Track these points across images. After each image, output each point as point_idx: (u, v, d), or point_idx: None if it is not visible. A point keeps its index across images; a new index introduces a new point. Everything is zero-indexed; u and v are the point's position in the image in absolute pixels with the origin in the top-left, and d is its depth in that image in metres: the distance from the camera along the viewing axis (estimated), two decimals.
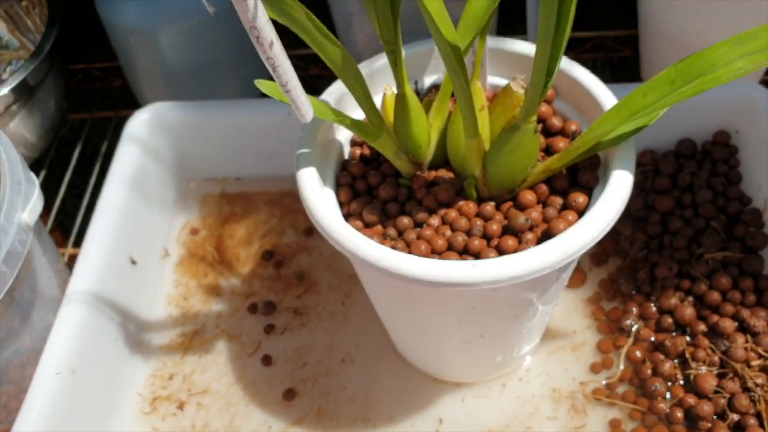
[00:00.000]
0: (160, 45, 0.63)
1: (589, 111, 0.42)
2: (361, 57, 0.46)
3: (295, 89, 0.34)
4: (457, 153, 0.40)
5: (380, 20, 0.36)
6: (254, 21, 0.30)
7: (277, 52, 0.31)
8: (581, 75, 0.42)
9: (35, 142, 0.67)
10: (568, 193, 0.39)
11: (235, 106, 0.60)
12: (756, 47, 0.33)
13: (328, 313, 0.53)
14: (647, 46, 0.65)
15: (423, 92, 0.46)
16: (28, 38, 0.73)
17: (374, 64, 0.44)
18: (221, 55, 0.65)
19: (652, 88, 0.35)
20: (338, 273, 0.56)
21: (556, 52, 0.34)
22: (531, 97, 0.36)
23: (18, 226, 0.45)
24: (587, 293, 0.52)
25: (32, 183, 0.49)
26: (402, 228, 0.39)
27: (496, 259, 0.35)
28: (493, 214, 0.39)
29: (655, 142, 0.57)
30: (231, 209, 0.61)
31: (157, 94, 0.67)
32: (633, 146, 0.38)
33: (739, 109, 0.54)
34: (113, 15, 0.62)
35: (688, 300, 0.48)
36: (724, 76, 0.34)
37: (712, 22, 0.56)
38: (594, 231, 0.36)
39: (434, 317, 0.42)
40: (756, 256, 0.49)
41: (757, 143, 0.53)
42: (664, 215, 0.53)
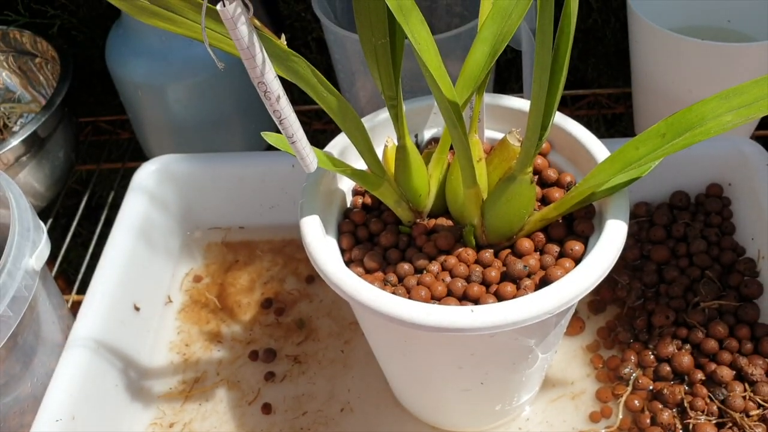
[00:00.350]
0: (168, 99, 0.65)
1: (584, 163, 0.43)
2: (364, 112, 0.48)
3: (300, 141, 0.35)
4: (456, 202, 0.41)
5: (382, 76, 0.38)
6: (262, 76, 0.32)
7: (283, 105, 0.33)
8: (575, 129, 0.44)
9: (43, 192, 0.68)
10: (564, 242, 0.40)
11: (239, 158, 0.62)
12: (743, 102, 0.35)
13: (328, 360, 0.54)
14: (640, 104, 0.67)
15: (423, 144, 0.47)
16: (40, 92, 0.75)
17: (376, 117, 0.45)
18: (227, 109, 0.67)
19: (644, 141, 0.37)
20: (338, 320, 0.56)
21: (549, 108, 0.36)
22: (526, 149, 0.37)
23: (25, 271, 0.46)
24: (586, 341, 0.52)
25: (40, 230, 0.50)
26: (402, 274, 0.39)
27: (495, 305, 0.36)
28: (491, 261, 0.40)
29: (649, 194, 0.58)
30: (234, 257, 0.62)
31: (164, 147, 0.69)
32: (627, 197, 0.40)
33: (731, 163, 0.56)
34: (123, 70, 0.65)
35: (686, 348, 0.49)
36: (713, 129, 0.35)
37: (702, 79, 0.58)
38: (591, 278, 0.37)
39: (434, 363, 0.42)
40: (752, 304, 0.50)
41: (749, 195, 0.54)
42: (659, 265, 0.54)
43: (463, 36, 0.56)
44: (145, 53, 0.64)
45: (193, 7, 0.32)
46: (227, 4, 0.29)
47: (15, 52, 0.74)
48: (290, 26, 0.77)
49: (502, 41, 0.38)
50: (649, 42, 0.59)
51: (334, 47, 0.61)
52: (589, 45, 0.77)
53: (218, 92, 0.65)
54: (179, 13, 0.32)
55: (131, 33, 0.64)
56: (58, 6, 0.76)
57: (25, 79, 0.75)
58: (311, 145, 0.36)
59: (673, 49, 0.57)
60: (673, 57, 0.57)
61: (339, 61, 0.62)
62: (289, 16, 0.76)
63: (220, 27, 0.32)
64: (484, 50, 0.39)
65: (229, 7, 0.29)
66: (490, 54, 0.38)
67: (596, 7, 0.74)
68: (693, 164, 0.57)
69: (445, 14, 0.69)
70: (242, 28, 0.30)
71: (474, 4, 0.65)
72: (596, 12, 0.74)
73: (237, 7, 0.29)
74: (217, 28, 0.33)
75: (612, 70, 0.79)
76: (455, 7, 0.68)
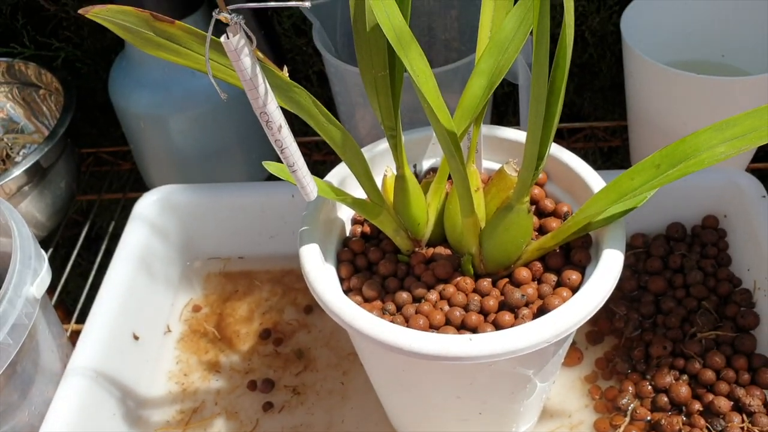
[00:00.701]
0: (170, 130, 0.66)
1: (580, 194, 0.44)
2: (364, 142, 0.48)
3: (301, 170, 0.36)
4: (454, 231, 0.41)
5: (382, 108, 0.39)
6: (264, 107, 0.32)
7: (285, 135, 0.34)
8: (571, 160, 0.44)
9: (44, 221, 0.68)
10: (562, 271, 0.40)
11: (239, 189, 0.62)
12: (736, 133, 0.35)
13: (327, 391, 0.54)
14: (636, 136, 0.68)
15: (421, 174, 0.48)
16: (43, 123, 0.76)
17: (376, 148, 0.46)
18: (228, 139, 0.68)
19: (639, 172, 0.37)
20: (337, 350, 0.56)
21: (545, 138, 0.37)
22: (523, 179, 0.38)
23: (25, 299, 0.46)
24: (584, 372, 0.52)
25: (41, 258, 0.50)
26: (401, 303, 0.40)
27: (494, 334, 0.36)
28: (489, 290, 0.40)
29: (646, 225, 0.58)
30: (233, 287, 0.62)
31: (166, 177, 0.69)
32: (623, 227, 0.40)
33: (727, 195, 0.57)
34: (126, 101, 0.65)
35: (683, 379, 0.49)
36: (706, 160, 0.36)
37: (697, 113, 0.59)
38: (588, 307, 0.37)
39: (432, 393, 0.42)
40: (748, 335, 0.50)
41: (744, 227, 0.55)
42: (656, 296, 0.54)
43: (461, 69, 0.57)
44: (147, 85, 0.65)
45: (198, 39, 0.33)
46: (231, 36, 0.29)
47: (20, 83, 0.75)
48: (292, 59, 0.78)
49: (499, 74, 0.39)
50: (644, 76, 0.60)
51: (335, 80, 0.62)
52: (585, 79, 0.79)
53: (220, 123, 0.66)
54: (184, 45, 0.33)
55: (134, 65, 0.65)
56: (63, 39, 0.78)
57: (29, 110, 0.76)
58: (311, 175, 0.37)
59: (668, 83, 0.58)
60: (668, 91, 0.58)
61: (339, 93, 0.63)
62: (290, 50, 0.77)
63: (223, 59, 0.33)
64: (481, 83, 0.40)
65: (232, 40, 0.29)
66: (487, 86, 0.39)
67: (592, 42, 0.75)
68: (689, 196, 0.57)
69: (444, 48, 0.70)
70: (245, 60, 0.30)
71: (471, 38, 0.66)
72: (592, 47, 0.76)
73: (240, 39, 0.30)
74: (220, 59, 0.34)
75: (608, 103, 0.81)
76: (453, 41, 0.69)
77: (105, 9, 0.31)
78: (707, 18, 0.65)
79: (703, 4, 0.65)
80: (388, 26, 0.33)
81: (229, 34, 0.30)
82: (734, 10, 0.64)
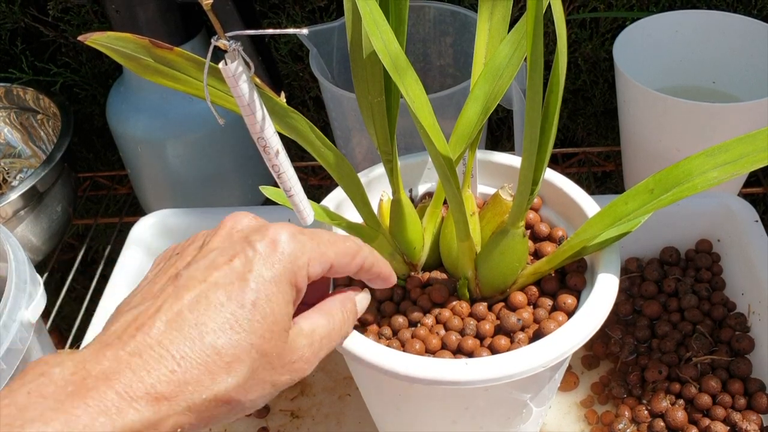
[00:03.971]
0: (167, 155, 0.66)
1: (575, 218, 0.44)
2: (360, 167, 0.49)
3: (298, 194, 0.36)
4: (450, 255, 0.41)
5: (378, 133, 0.39)
6: (262, 132, 0.33)
7: (282, 160, 0.34)
8: (565, 185, 0.45)
9: (40, 245, 0.68)
10: (557, 295, 0.40)
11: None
12: (728, 158, 0.36)
13: (323, 415, 0.53)
14: (629, 161, 0.68)
15: (417, 199, 0.48)
16: (40, 148, 0.76)
17: (372, 172, 0.46)
18: (225, 164, 0.69)
19: (633, 196, 0.38)
20: (333, 375, 0.56)
21: (540, 163, 0.37)
22: (518, 203, 0.38)
23: (20, 323, 0.46)
24: (580, 396, 0.52)
25: (37, 283, 0.50)
26: (397, 327, 0.40)
27: (489, 358, 0.36)
28: (485, 314, 0.40)
29: (640, 249, 0.59)
30: None
31: (163, 201, 0.70)
32: (618, 251, 0.40)
33: (720, 219, 0.57)
34: (124, 126, 0.66)
35: (679, 403, 0.49)
36: (699, 185, 0.36)
37: (690, 138, 0.59)
38: (584, 331, 0.37)
39: (428, 418, 0.42)
40: (743, 359, 0.50)
41: (738, 251, 0.55)
42: (652, 320, 0.54)
43: (456, 95, 0.58)
44: (145, 110, 0.65)
45: (196, 65, 0.33)
46: (229, 62, 0.30)
47: (18, 108, 0.75)
48: (289, 85, 0.79)
49: (494, 100, 0.40)
50: (637, 102, 0.61)
51: (331, 105, 0.62)
52: (578, 105, 0.80)
53: (216, 148, 0.67)
54: (182, 71, 0.34)
55: (132, 90, 0.66)
56: (62, 64, 0.78)
57: (26, 134, 0.77)
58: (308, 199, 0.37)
59: (661, 109, 0.58)
60: (660, 116, 0.59)
61: (336, 119, 0.63)
62: (287, 75, 0.78)
63: (221, 85, 0.34)
64: (476, 108, 0.40)
65: (231, 66, 0.30)
66: (482, 112, 0.40)
67: (585, 69, 0.76)
68: (683, 220, 0.58)
69: (439, 75, 0.71)
70: (243, 86, 0.31)
71: (466, 64, 0.67)
72: (585, 73, 0.77)
73: (239, 65, 0.30)
74: (218, 85, 0.34)
75: (601, 128, 0.81)
76: (448, 67, 0.70)
77: (104, 36, 0.32)
78: (698, 45, 0.66)
79: (694, 32, 0.66)
80: (384, 53, 0.33)
81: (227, 60, 0.30)
82: (725, 38, 0.65)
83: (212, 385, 0.27)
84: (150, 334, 0.27)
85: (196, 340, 0.27)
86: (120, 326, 0.28)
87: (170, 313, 0.28)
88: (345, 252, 0.33)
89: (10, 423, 0.24)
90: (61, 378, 0.26)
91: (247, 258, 0.30)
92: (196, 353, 0.27)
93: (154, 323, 0.28)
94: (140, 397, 0.26)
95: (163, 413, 0.26)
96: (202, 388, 0.27)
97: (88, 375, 0.26)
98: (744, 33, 0.64)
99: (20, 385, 0.26)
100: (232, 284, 0.29)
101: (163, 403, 0.26)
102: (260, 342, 0.29)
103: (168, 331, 0.28)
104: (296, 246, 0.30)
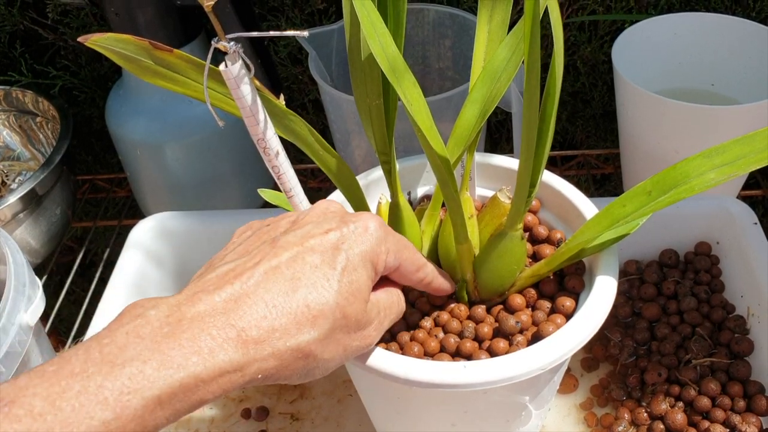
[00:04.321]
0: (166, 158, 0.66)
1: (573, 221, 0.44)
2: (359, 170, 0.49)
3: (298, 195, 0.36)
4: (449, 258, 0.41)
5: (377, 136, 0.39)
6: (262, 134, 0.33)
7: (282, 161, 0.34)
8: (563, 187, 0.45)
9: (38, 248, 0.68)
10: (555, 298, 0.40)
11: (235, 215, 0.62)
12: (725, 160, 0.36)
13: (322, 418, 0.53)
14: (628, 164, 0.68)
15: (415, 202, 0.48)
16: (39, 150, 0.76)
17: (370, 175, 0.46)
18: (224, 168, 0.69)
19: (631, 198, 0.38)
20: (332, 378, 0.56)
21: (538, 165, 0.37)
22: (516, 206, 0.38)
23: (19, 327, 0.46)
24: (579, 399, 0.52)
25: (36, 285, 0.50)
26: (395, 330, 0.40)
27: (488, 361, 0.36)
28: (484, 317, 0.40)
29: (639, 252, 0.59)
30: None
31: (162, 204, 0.70)
32: (616, 253, 0.40)
33: (719, 222, 0.57)
34: (123, 129, 0.66)
35: (678, 406, 0.49)
36: (697, 186, 0.36)
37: (688, 140, 0.59)
38: (583, 333, 0.37)
39: (427, 421, 0.42)
40: (743, 361, 0.50)
41: (737, 254, 0.55)
42: (651, 322, 0.54)
43: (455, 98, 0.58)
44: (144, 113, 0.65)
45: (196, 67, 0.33)
46: (230, 64, 0.30)
47: (17, 111, 0.75)
48: (288, 88, 0.79)
49: (492, 102, 0.40)
50: (636, 104, 0.61)
51: (330, 108, 0.62)
52: (577, 107, 0.80)
53: (215, 151, 0.67)
54: (182, 74, 0.34)
55: (131, 93, 0.66)
56: (61, 67, 0.78)
57: (26, 137, 0.77)
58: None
59: (659, 112, 0.59)
60: (659, 119, 0.59)
61: (335, 122, 0.63)
62: (286, 78, 0.78)
63: (221, 87, 0.34)
64: (474, 111, 0.40)
65: (232, 68, 0.30)
66: (480, 114, 0.40)
67: (584, 72, 0.76)
68: (681, 223, 0.58)
69: (438, 77, 0.71)
70: (244, 88, 0.31)
71: (465, 67, 0.67)
72: (584, 76, 0.77)
73: (240, 67, 0.30)
74: (218, 88, 0.34)
75: (600, 131, 0.82)
76: (447, 70, 0.70)
77: (104, 37, 0.32)
78: (697, 48, 0.67)
79: (692, 35, 0.66)
80: (381, 56, 0.33)
81: (228, 62, 0.30)
82: (723, 41, 0.66)
83: (297, 335, 0.29)
84: (248, 283, 0.30)
85: (290, 292, 0.30)
86: (216, 275, 0.30)
87: (268, 266, 0.30)
88: (413, 260, 0.36)
89: (111, 361, 0.26)
90: (156, 320, 0.28)
91: (341, 233, 0.32)
92: (288, 304, 0.30)
93: (253, 273, 0.30)
94: (231, 339, 0.28)
95: (250, 356, 0.28)
96: (288, 336, 0.29)
97: (183, 317, 0.28)
98: (742, 35, 0.64)
99: (118, 326, 0.28)
100: (326, 251, 0.32)
101: (251, 347, 0.28)
102: (345, 303, 0.31)
103: (265, 281, 0.30)
104: (382, 234, 0.33)
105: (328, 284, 0.31)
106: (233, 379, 0.28)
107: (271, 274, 0.30)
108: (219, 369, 0.27)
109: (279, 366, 0.29)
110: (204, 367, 0.27)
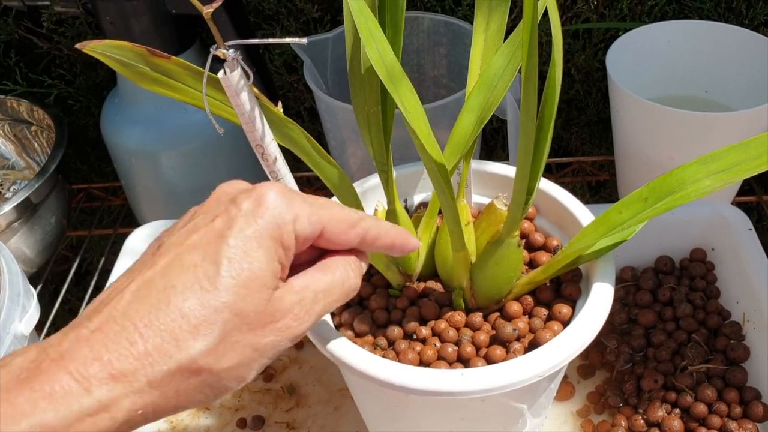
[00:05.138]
0: (161, 166, 0.66)
1: (569, 228, 0.44)
2: (354, 178, 0.49)
3: None
4: (445, 265, 0.41)
5: (374, 143, 0.39)
6: (261, 140, 0.33)
7: (280, 166, 0.34)
8: (559, 194, 0.45)
9: (34, 257, 0.68)
10: (552, 305, 0.40)
11: None
12: (720, 167, 0.36)
13: (318, 427, 0.53)
14: (623, 171, 0.68)
15: (412, 209, 0.48)
16: (34, 159, 0.76)
17: (367, 182, 0.46)
18: (219, 176, 0.68)
19: (627, 205, 0.38)
20: (328, 386, 0.56)
21: (534, 173, 0.37)
22: (513, 213, 0.38)
23: (13, 336, 0.46)
24: (576, 406, 0.52)
25: (30, 295, 0.50)
26: (392, 338, 0.40)
27: (485, 368, 0.36)
28: (481, 324, 0.40)
29: (635, 258, 0.59)
30: None
31: (157, 213, 0.69)
32: (612, 260, 0.40)
33: (714, 228, 0.57)
34: (118, 137, 0.66)
35: (675, 412, 0.49)
36: (693, 193, 0.36)
37: (683, 147, 0.60)
38: (580, 341, 0.37)
39: (424, 428, 0.42)
40: (739, 367, 0.50)
41: (732, 260, 0.55)
42: (647, 329, 0.54)
43: (451, 105, 0.58)
44: (139, 121, 0.65)
45: (193, 74, 0.33)
46: (229, 71, 0.30)
47: (11, 120, 0.75)
48: (283, 96, 0.79)
49: (489, 110, 0.40)
50: (631, 112, 0.61)
51: (326, 116, 0.62)
52: (572, 114, 0.80)
53: (211, 159, 0.67)
54: (179, 81, 0.34)
55: (126, 101, 0.66)
56: (56, 76, 0.78)
57: (20, 146, 0.76)
58: None
59: (654, 119, 0.59)
60: (653, 126, 0.59)
61: (330, 130, 0.63)
62: (282, 86, 0.78)
63: (218, 94, 0.34)
64: (470, 118, 0.40)
65: (231, 75, 0.30)
66: (477, 122, 0.40)
67: (578, 78, 0.77)
68: (677, 229, 0.58)
69: (433, 85, 0.71)
70: (243, 95, 0.31)
71: (460, 75, 0.67)
72: (578, 83, 0.77)
73: (239, 75, 0.30)
74: (215, 95, 0.34)
75: (595, 138, 0.82)
76: (442, 78, 0.70)
77: (101, 44, 0.32)
78: (691, 55, 0.67)
79: (686, 42, 0.67)
80: (379, 63, 0.33)
81: (226, 69, 0.30)
82: (717, 48, 0.66)
83: (177, 353, 0.25)
84: (117, 308, 0.26)
85: (162, 305, 0.26)
86: (90, 306, 0.27)
87: (141, 282, 0.26)
88: (341, 218, 0.31)
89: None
90: (18, 367, 0.24)
91: (229, 217, 0.28)
92: (161, 319, 0.25)
93: (123, 295, 0.26)
94: (93, 376, 0.24)
95: (117, 392, 0.24)
96: (165, 357, 0.25)
97: (45, 359, 0.24)
98: (736, 42, 0.65)
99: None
100: (209, 243, 0.27)
101: (121, 380, 0.24)
102: (234, 300, 0.26)
103: (135, 301, 0.26)
104: (282, 201, 0.29)
105: (209, 283, 0.26)
106: (99, 422, 0.24)
107: (144, 289, 0.26)
108: (77, 412, 0.23)
109: (163, 395, 0.25)
110: (55, 414, 0.23)
